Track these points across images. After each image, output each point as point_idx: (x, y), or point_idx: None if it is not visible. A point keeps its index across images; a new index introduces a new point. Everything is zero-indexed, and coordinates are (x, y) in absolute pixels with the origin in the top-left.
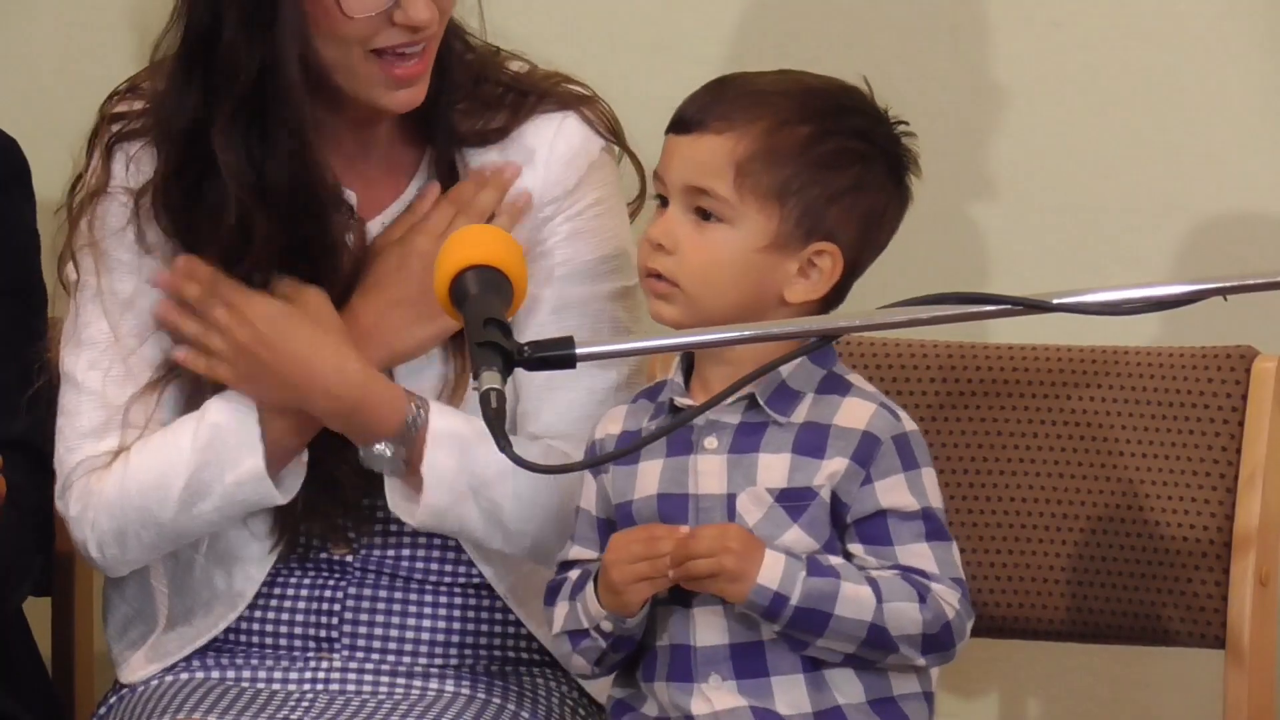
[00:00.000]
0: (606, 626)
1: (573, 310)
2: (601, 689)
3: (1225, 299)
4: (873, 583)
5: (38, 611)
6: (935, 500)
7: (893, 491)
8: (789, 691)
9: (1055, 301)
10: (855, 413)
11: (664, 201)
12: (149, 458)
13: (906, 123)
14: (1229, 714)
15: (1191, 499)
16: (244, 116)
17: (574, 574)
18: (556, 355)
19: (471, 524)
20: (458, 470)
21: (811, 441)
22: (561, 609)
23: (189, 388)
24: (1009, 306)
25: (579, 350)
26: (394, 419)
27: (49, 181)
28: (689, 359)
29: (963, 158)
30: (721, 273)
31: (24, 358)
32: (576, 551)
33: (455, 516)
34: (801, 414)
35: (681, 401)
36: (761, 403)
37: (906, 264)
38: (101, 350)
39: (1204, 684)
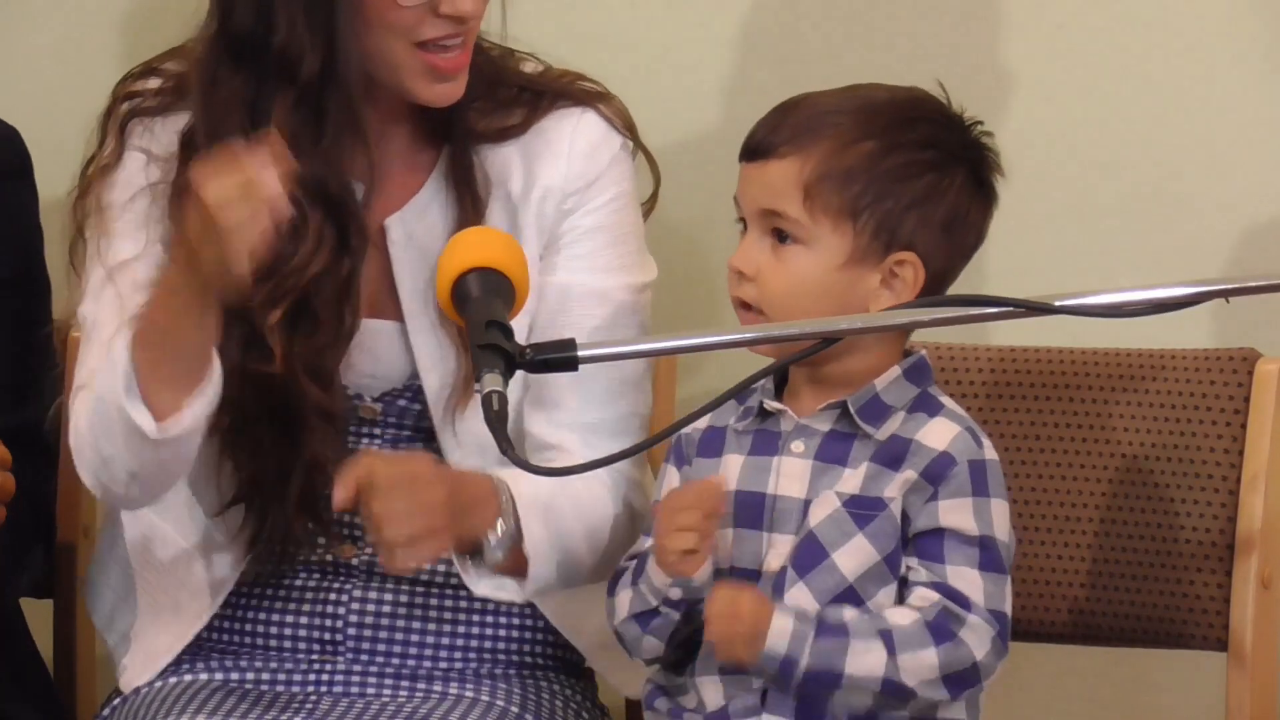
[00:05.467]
0: (675, 594)
1: (593, 303)
2: (607, 691)
3: (1228, 301)
4: (885, 635)
5: (39, 613)
6: (1001, 533)
7: (955, 512)
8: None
9: (1058, 304)
10: (939, 432)
11: (743, 223)
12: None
13: (981, 122)
14: (1231, 716)
15: (1194, 501)
16: (302, 111)
17: (633, 562)
18: (558, 357)
19: (554, 582)
20: (547, 536)
21: (891, 454)
22: (625, 595)
23: None
24: (1011, 308)
25: (580, 352)
26: (494, 504)
27: (50, 177)
28: (784, 366)
29: None
30: (803, 295)
31: (26, 347)
32: (649, 545)
33: (547, 580)
34: (890, 429)
35: (771, 405)
36: (853, 412)
37: None
38: (98, 291)
39: (1206, 686)
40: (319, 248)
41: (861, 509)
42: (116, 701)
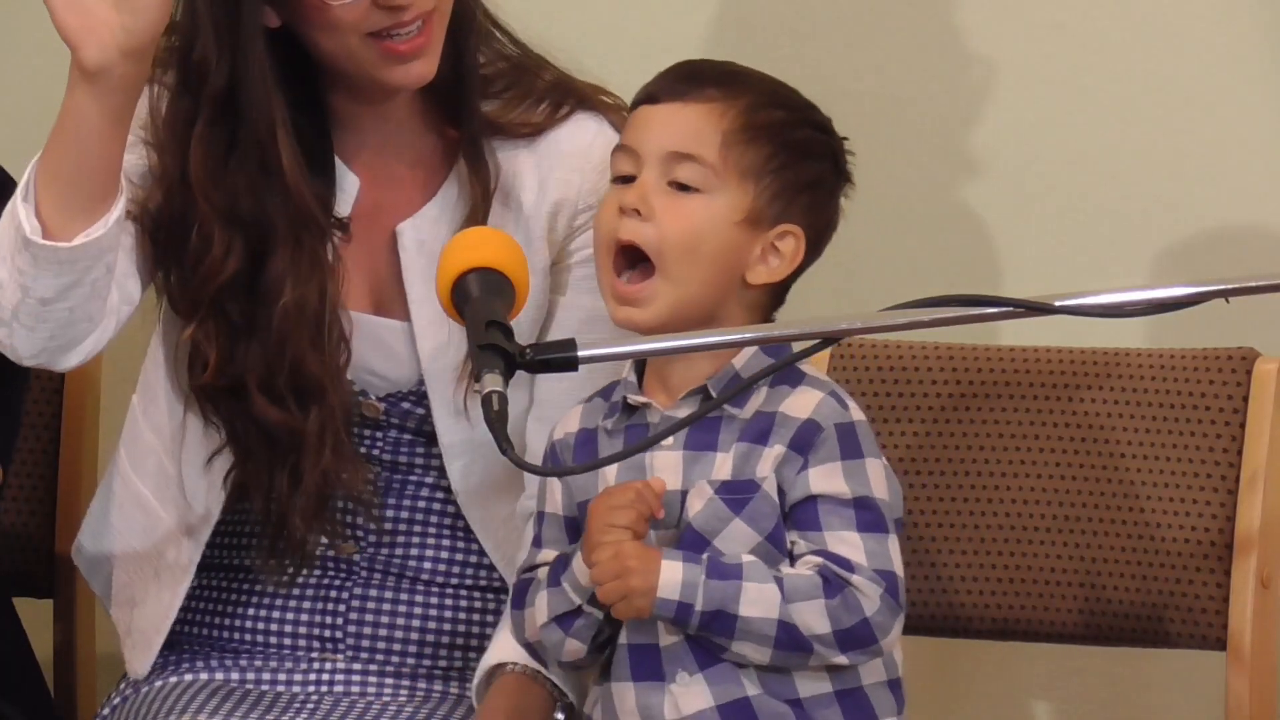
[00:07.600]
0: None
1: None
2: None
3: (1227, 301)
4: (779, 581)
5: (39, 613)
6: (878, 491)
7: (827, 478)
8: (755, 674)
9: (1057, 304)
10: (802, 401)
11: (624, 180)
12: None
13: (846, 139)
14: (1230, 716)
15: (1193, 501)
16: (216, 130)
17: (542, 570)
18: (558, 358)
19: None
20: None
21: (758, 430)
22: (543, 598)
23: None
24: (1011, 309)
25: (581, 353)
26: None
27: None
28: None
29: (965, 160)
30: (701, 242)
31: None
32: (544, 555)
33: None
34: (754, 405)
35: (635, 399)
36: (714, 394)
37: (909, 266)
38: None
39: (1205, 686)
40: (226, 257)
41: (735, 494)
42: (117, 700)
